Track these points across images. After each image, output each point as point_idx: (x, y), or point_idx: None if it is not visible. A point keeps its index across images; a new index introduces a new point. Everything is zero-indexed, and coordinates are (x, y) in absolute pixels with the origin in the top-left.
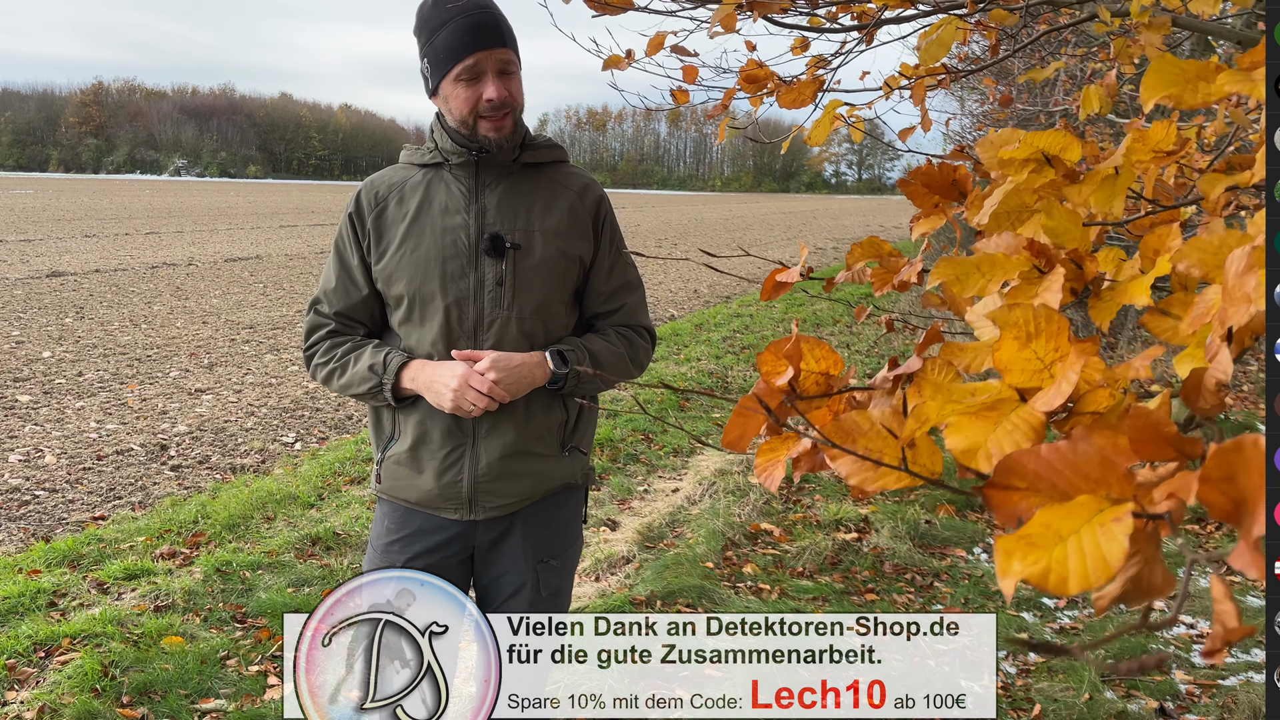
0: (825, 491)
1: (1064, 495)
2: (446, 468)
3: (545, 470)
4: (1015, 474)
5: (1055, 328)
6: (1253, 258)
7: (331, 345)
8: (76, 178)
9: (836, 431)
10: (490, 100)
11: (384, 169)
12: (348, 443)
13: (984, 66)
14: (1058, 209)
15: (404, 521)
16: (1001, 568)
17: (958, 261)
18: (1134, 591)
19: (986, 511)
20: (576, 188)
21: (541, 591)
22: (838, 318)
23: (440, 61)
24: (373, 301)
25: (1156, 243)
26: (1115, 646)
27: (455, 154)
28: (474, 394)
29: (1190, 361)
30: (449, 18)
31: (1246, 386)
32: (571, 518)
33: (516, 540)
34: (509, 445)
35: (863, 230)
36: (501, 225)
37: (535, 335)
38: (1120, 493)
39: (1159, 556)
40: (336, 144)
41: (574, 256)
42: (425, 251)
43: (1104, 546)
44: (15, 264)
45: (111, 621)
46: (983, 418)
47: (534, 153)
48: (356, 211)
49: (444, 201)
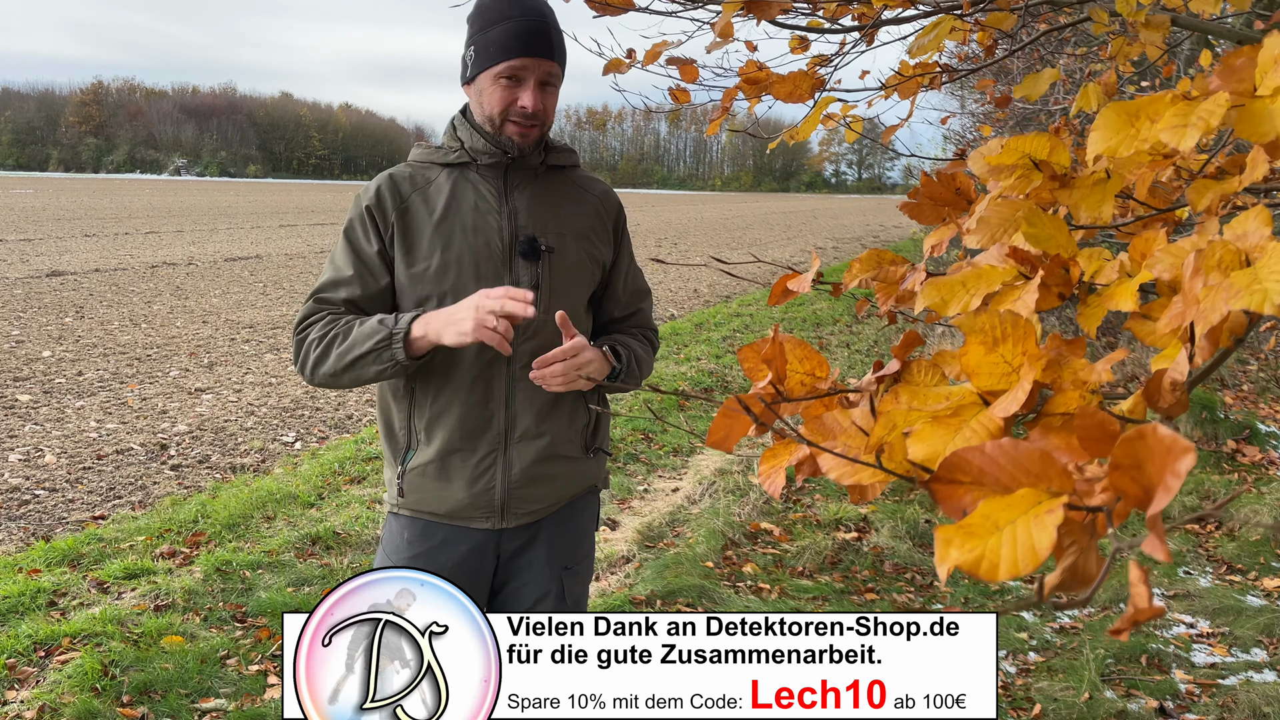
0: (825, 491)
1: (1006, 489)
2: (479, 475)
3: (573, 473)
4: (960, 469)
5: (1022, 332)
6: (1199, 260)
7: (333, 318)
8: (76, 177)
9: (818, 430)
10: (524, 108)
11: (398, 165)
12: (348, 442)
13: (982, 66)
14: (1040, 216)
15: (426, 534)
16: (940, 555)
17: (943, 283)
18: (1071, 579)
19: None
20: (598, 192)
21: (566, 599)
22: (838, 317)
23: (488, 54)
24: (389, 295)
25: (1143, 246)
26: (1115, 645)
27: (486, 154)
28: (491, 304)
29: (1163, 363)
30: (511, 15)
31: (1246, 386)
32: (590, 523)
33: (541, 548)
34: (542, 450)
35: (863, 230)
36: (534, 228)
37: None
38: (1060, 487)
39: (1094, 546)
40: (337, 143)
41: (599, 260)
42: (456, 253)
43: (1035, 536)
44: (15, 263)
45: (111, 621)
46: (944, 424)
47: (557, 155)
48: (377, 205)
49: (473, 201)
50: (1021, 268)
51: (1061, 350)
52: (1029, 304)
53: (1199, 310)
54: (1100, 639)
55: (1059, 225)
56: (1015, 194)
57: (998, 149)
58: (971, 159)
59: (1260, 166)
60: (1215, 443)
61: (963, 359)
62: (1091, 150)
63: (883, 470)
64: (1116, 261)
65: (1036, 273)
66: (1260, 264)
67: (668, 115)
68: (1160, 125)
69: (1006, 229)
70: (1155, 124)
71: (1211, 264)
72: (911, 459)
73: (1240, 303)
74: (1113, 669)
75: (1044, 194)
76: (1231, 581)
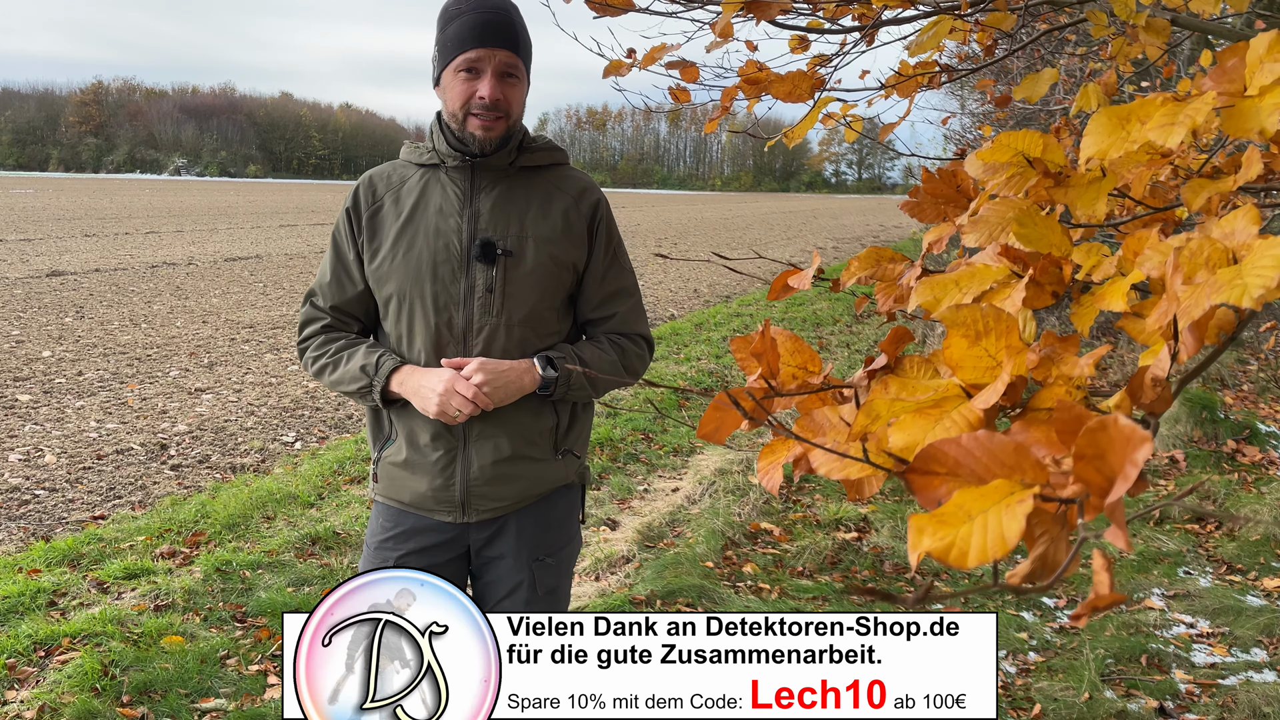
0: (825, 491)
1: (980, 480)
2: (439, 472)
3: (538, 473)
4: (936, 460)
5: (1005, 326)
6: (1180, 257)
7: (326, 340)
8: (76, 177)
9: (809, 427)
10: (482, 99)
11: (384, 164)
12: (348, 442)
13: (982, 66)
14: (1031, 215)
15: (398, 520)
16: (912, 542)
17: (936, 282)
18: (1041, 569)
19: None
20: (573, 192)
21: (538, 590)
22: (838, 316)
23: (446, 50)
24: (367, 298)
25: (1137, 245)
26: (1115, 645)
27: (451, 156)
28: (459, 399)
29: (1149, 359)
30: (466, 10)
31: (1246, 386)
32: (567, 516)
33: (511, 540)
34: (499, 450)
35: (863, 230)
36: (494, 231)
37: (526, 342)
38: (1033, 478)
39: (1064, 537)
40: (336, 143)
41: (566, 263)
42: (417, 254)
43: (1005, 525)
44: (15, 263)
45: (111, 621)
46: (926, 415)
47: (532, 156)
48: (354, 207)
49: (439, 204)
50: (1014, 266)
51: (1054, 347)
52: (1016, 301)
53: (1181, 306)
54: (1100, 639)
55: (1051, 224)
56: (1010, 192)
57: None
58: (968, 161)
59: (1255, 166)
60: (1215, 443)
61: (945, 352)
62: (1084, 154)
63: (869, 464)
64: (1114, 259)
65: (1028, 271)
66: (1245, 260)
67: (668, 115)
68: (1149, 125)
69: (1003, 228)
70: (1145, 125)
71: (1199, 261)
72: (890, 449)
73: (1220, 297)
74: (1113, 669)
75: (1040, 192)
76: (1231, 581)
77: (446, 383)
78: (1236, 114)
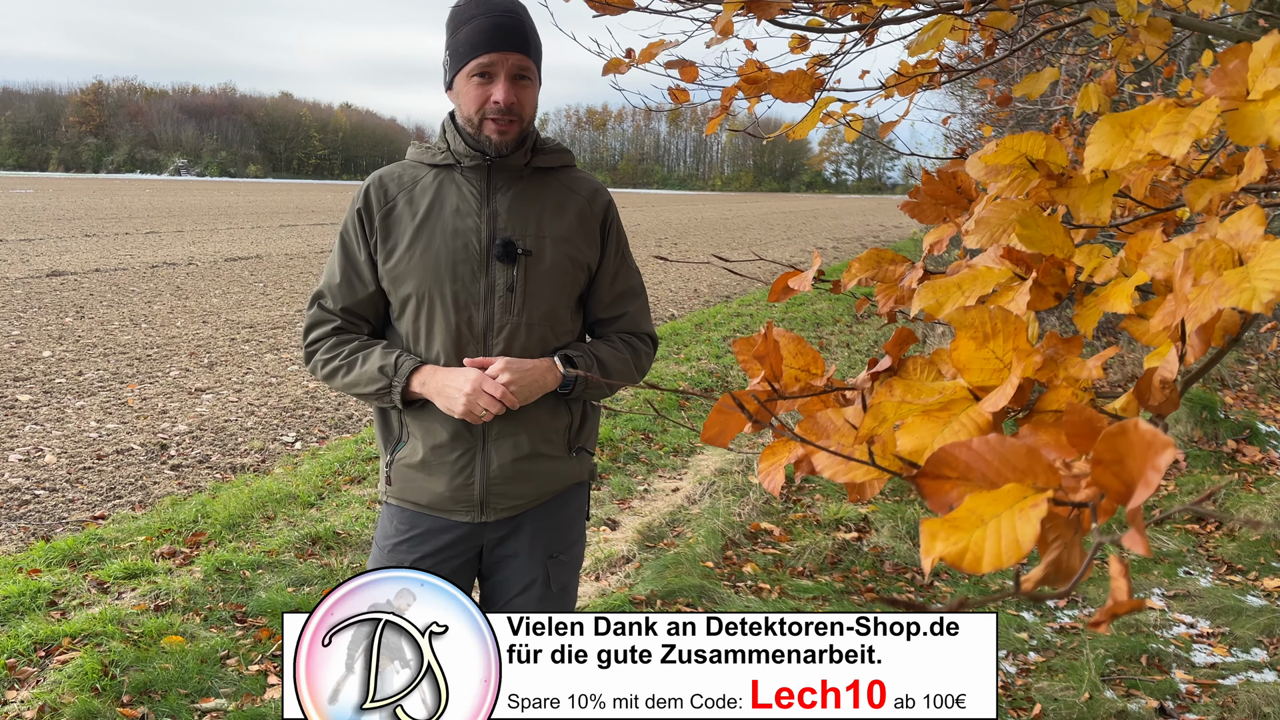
0: (825, 491)
1: (992, 484)
2: (458, 471)
3: (555, 471)
4: (947, 465)
5: (1012, 328)
6: (1189, 259)
7: (337, 342)
8: (76, 177)
9: (812, 428)
10: (497, 103)
11: (392, 164)
12: (348, 442)
13: (982, 66)
14: (1034, 217)
15: (413, 523)
16: (925, 548)
17: (938, 284)
18: (1055, 574)
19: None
20: (586, 193)
21: (552, 587)
22: (838, 317)
23: (458, 55)
24: (378, 299)
25: (1140, 246)
26: (1115, 645)
27: (468, 156)
28: (487, 399)
29: (1155, 361)
30: (477, 14)
31: (1246, 386)
32: (577, 513)
33: (525, 537)
34: (519, 448)
35: (863, 230)
36: (513, 230)
37: (544, 341)
38: (1046, 482)
39: (1078, 541)
40: (337, 143)
41: (582, 263)
42: (435, 254)
43: (1019, 530)
44: (15, 263)
45: (111, 621)
46: (934, 418)
47: (544, 157)
48: (365, 207)
49: (455, 204)
50: (1016, 268)
51: (1058, 348)
52: (1021, 303)
53: (1189, 308)
54: (1100, 639)
55: (1054, 226)
56: (1012, 194)
57: (995, 150)
58: (969, 163)
59: (1257, 166)
60: (1215, 443)
61: (953, 354)
62: (1088, 164)
63: (875, 467)
64: (1116, 260)
65: (1031, 273)
66: (1252, 263)
67: (668, 115)
68: (1153, 134)
69: (1005, 229)
70: (1149, 133)
71: (1205, 263)
72: (899, 452)
73: (1229, 300)
74: (1113, 669)
75: (1043, 193)
76: (1231, 581)
77: (474, 382)
78: (1241, 120)
